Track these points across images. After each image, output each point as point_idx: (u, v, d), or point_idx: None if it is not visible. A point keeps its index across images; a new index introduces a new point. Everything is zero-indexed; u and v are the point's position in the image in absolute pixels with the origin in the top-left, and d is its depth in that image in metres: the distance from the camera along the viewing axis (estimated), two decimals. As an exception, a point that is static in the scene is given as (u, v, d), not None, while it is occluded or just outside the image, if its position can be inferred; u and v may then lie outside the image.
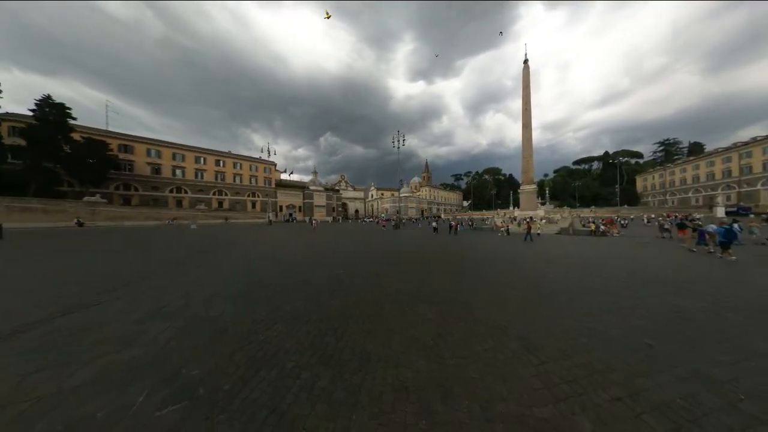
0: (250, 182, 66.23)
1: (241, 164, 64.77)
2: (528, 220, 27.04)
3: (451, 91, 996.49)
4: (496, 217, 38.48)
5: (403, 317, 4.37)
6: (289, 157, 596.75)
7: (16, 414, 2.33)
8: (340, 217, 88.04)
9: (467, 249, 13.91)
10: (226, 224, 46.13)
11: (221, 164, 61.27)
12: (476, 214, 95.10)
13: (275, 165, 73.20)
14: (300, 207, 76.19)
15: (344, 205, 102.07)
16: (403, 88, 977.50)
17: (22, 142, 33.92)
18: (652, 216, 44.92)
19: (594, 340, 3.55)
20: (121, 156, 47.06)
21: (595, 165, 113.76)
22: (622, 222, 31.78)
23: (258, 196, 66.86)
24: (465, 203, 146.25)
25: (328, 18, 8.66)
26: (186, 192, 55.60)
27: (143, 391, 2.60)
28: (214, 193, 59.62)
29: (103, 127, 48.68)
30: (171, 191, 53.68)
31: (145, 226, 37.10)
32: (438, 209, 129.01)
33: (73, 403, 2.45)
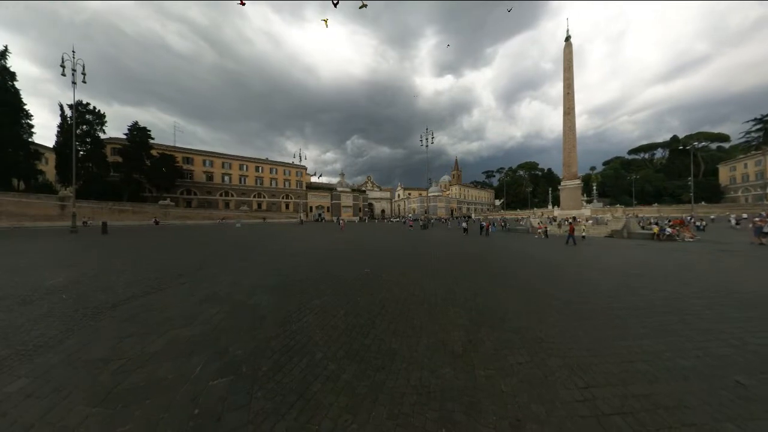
0: (284, 185, 73.85)
1: (276, 169, 72.61)
2: (570, 220, 23.92)
3: (482, 81, 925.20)
4: (533, 218, 34.66)
5: (431, 320, 4.30)
6: (318, 161, 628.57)
7: (114, 368, 2.96)
8: (366, 217, 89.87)
9: (500, 252, 12.98)
10: (264, 223, 51.37)
11: (260, 170, 69.47)
12: (510, 214, 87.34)
13: (306, 169, 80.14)
14: (328, 207, 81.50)
15: (370, 206, 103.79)
16: (430, 84, 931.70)
17: (119, 159, 44.30)
18: (744, 216, 35.56)
19: (657, 368, 3.01)
20: (185, 167, 57.11)
21: (659, 153, 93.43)
22: (698, 223, 25.25)
23: (291, 198, 74.42)
24: (497, 202, 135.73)
25: (327, 26, 8.60)
26: (232, 195, 64.24)
27: (200, 362, 3.05)
28: (254, 196, 67.75)
29: (172, 143, 59.61)
30: (221, 195, 62.78)
31: (201, 224, 42.76)
32: (468, 209, 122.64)
33: (151, 365, 3.01)
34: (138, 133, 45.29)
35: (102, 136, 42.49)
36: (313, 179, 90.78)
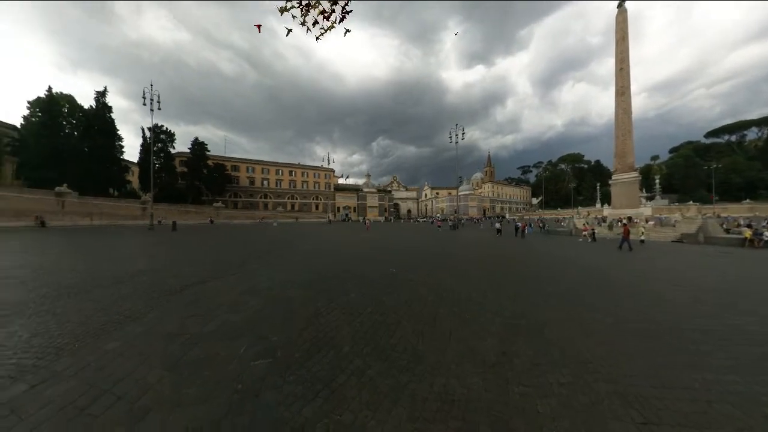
0: (314, 187, 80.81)
1: (307, 173, 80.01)
2: (625, 221, 20.21)
3: (517, 68, 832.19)
4: (576, 218, 30.13)
5: (461, 325, 4.12)
6: (345, 163, 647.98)
7: (181, 341, 3.52)
8: (392, 217, 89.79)
9: (538, 256, 11.72)
10: (296, 222, 56.33)
11: (293, 174, 77.47)
12: (549, 214, 77.66)
13: (333, 171, 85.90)
14: (354, 208, 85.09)
15: (396, 206, 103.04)
16: (458, 77, 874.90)
17: (185, 169, 54.10)
18: None
19: (750, 413, 2.41)
20: (232, 173, 66.21)
21: (753, 134, 71.98)
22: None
23: (320, 199, 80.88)
24: (534, 200, 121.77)
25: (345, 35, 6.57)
26: (270, 197, 72.58)
27: (244, 345, 3.43)
28: (288, 197, 75.64)
29: (222, 154, 69.38)
30: (260, 197, 71.25)
31: (245, 223, 48.90)
32: (502, 208, 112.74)
33: (208, 342, 3.49)
34: (197, 148, 55.54)
35: (172, 151, 52.26)
36: (341, 181, 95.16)
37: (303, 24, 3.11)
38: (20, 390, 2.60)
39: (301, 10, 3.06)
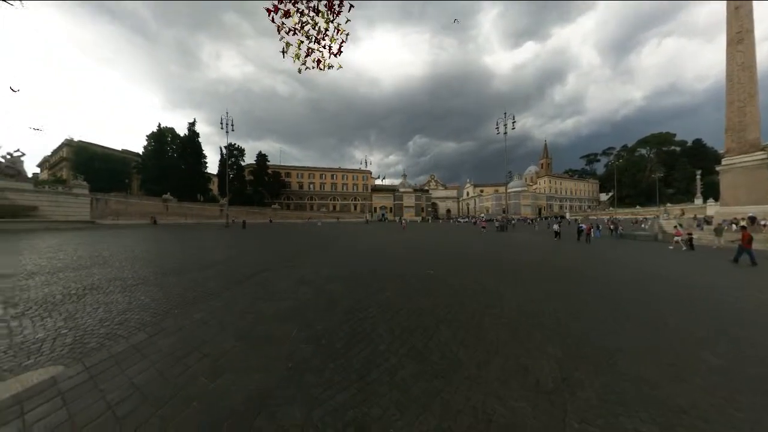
0: (353, 189, 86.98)
1: (346, 176, 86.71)
2: (744, 223, 13.96)
3: (579, 36, 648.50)
4: (664, 218, 22.29)
5: (511, 339, 3.67)
6: (382, 164, 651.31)
7: (249, 319, 4.18)
8: (430, 218, 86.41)
9: (608, 267, 9.37)
10: (337, 222, 61.47)
11: (334, 177, 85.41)
12: (623, 213, 62.38)
13: (370, 173, 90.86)
14: (391, 208, 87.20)
15: (434, 205, 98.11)
16: (505, 60, 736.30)
17: (251, 178, 65.92)
18: None
19: None
20: (286, 179, 76.79)
21: None
22: None
23: (358, 200, 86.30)
24: (604, 196, 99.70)
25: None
26: (315, 199, 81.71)
27: (294, 329, 3.85)
28: (330, 199, 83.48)
29: (278, 163, 79.65)
30: (307, 199, 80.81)
31: (296, 222, 56.56)
32: (562, 206, 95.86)
33: (268, 323, 4.07)
34: (260, 160, 67.24)
35: (242, 163, 64.30)
36: (377, 182, 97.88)
37: (304, 65, 3.34)
38: (142, 338, 3.53)
39: (301, 54, 3.25)
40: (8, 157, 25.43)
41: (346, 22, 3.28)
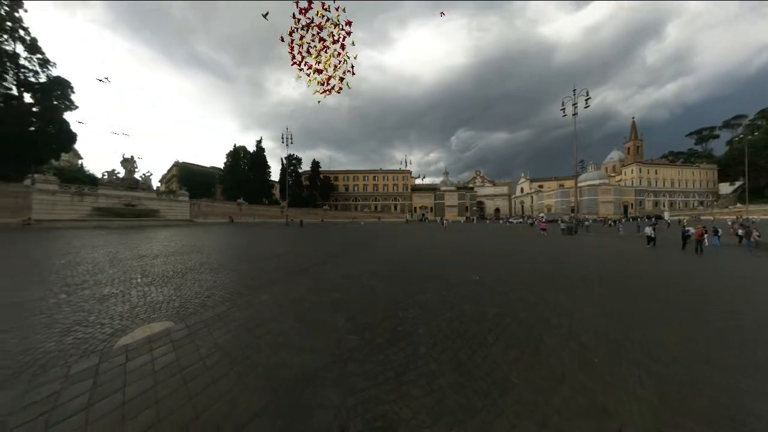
0: (393, 190, 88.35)
1: (387, 176, 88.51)
2: None
3: None
4: None
5: (584, 368, 2.97)
6: (422, 163, 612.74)
7: (305, 305, 4.70)
8: (474, 217, 78.09)
9: (735, 291, 6.34)
10: (379, 222, 63.65)
11: (375, 179, 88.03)
12: (759, 212, 43.82)
13: (410, 173, 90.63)
14: (431, 208, 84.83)
15: (480, 204, 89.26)
16: (570, 25, 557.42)
17: (307, 183, 73.41)
18: None
19: None
20: (334, 183, 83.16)
21: None
22: None
23: (398, 200, 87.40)
24: (724, 188, 72.03)
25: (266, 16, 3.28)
26: (358, 200, 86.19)
27: (341, 319, 4.10)
28: (371, 200, 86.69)
29: (328, 168, 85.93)
30: (352, 200, 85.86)
31: (341, 222, 60.41)
32: (658, 202, 72.41)
33: (320, 311, 4.48)
34: (314, 167, 74.84)
35: (299, 170, 71.54)
36: (417, 181, 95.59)
37: (318, 91, 3.86)
38: (222, 310, 4.34)
39: (315, 81, 3.77)
40: (144, 176, 37.82)
41: (353, 55, 3.71)
